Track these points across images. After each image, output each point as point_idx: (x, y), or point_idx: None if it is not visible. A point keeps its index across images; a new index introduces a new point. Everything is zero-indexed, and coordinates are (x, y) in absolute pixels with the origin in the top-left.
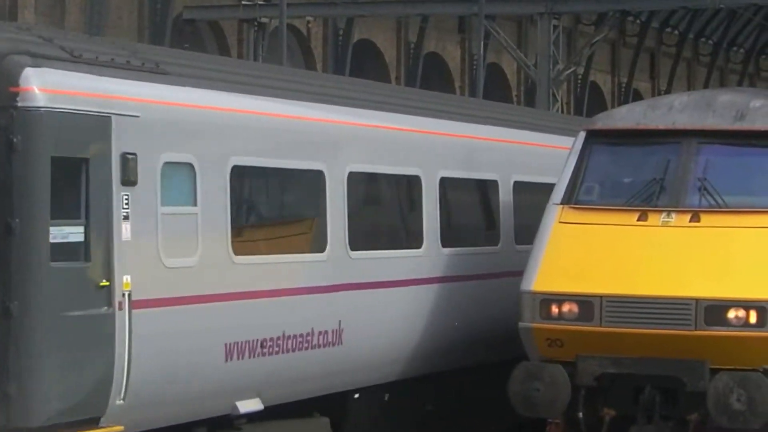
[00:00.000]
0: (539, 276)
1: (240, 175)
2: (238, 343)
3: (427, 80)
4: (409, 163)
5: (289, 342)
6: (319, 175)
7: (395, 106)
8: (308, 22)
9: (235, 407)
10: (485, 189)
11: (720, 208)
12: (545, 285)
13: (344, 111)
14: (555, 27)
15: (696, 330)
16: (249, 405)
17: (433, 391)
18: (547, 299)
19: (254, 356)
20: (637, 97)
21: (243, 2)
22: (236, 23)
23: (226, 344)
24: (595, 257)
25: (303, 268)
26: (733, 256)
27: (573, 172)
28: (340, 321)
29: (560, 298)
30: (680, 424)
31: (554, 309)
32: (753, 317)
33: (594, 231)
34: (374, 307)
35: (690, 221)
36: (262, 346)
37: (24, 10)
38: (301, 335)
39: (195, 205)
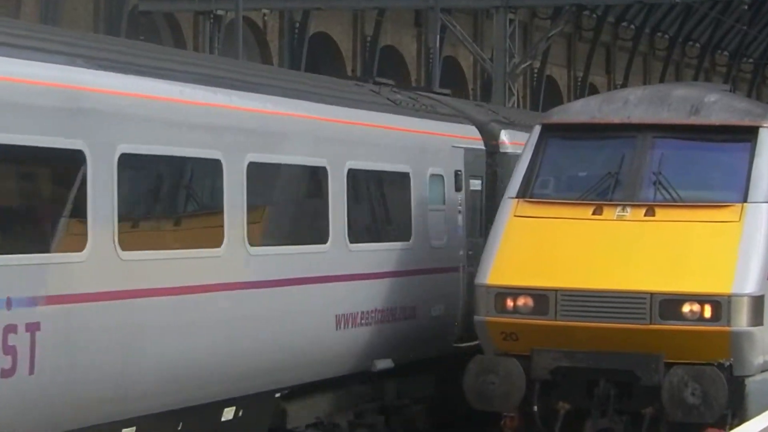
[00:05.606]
0: (494, 269)
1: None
2: None
3: (383, 73)
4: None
5: None
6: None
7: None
8: (264, 14)
9: None
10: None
11: (675, 202)
12: (500, 279)
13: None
14: (511, 21)
15: (651, 324)
16: None
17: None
18: (502, 293)
19: None
20: (593, 91)
21: None
22: (192, 16)
23: None
24: (549, 251)
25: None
26: (688, 250)
27: (528, 165)
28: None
29: (515, 292)
30: (635, 417)
31: (509, 303)
32: (708, 312)
33: (549, 225)
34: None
35: (645, 215)
36: None
37: None
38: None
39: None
